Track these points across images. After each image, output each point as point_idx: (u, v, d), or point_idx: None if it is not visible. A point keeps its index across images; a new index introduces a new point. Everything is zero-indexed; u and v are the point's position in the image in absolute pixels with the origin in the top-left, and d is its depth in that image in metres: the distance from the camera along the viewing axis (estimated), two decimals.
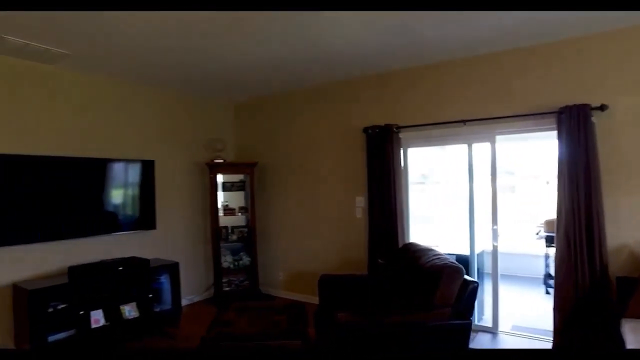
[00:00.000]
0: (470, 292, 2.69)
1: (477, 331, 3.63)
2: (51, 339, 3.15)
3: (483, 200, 3.71)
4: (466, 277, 2.77)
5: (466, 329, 2.57)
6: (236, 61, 3.59)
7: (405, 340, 2.50)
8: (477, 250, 3.86)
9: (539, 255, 5.13)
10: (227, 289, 4.69)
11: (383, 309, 2.95)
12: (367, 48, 3.36)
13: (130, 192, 4.07)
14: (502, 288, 3.70)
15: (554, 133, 3.16)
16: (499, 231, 3.61)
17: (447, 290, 2.66)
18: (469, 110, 3.59)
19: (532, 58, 3.34)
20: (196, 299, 4.73)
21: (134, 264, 3.73)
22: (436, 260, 2.90)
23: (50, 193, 3.46)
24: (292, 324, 2.92)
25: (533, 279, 5.29)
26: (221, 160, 4.77)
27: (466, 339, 2.60)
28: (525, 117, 3.33)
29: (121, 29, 2.82)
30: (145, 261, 3.81)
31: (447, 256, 3.04)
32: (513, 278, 5.36)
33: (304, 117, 4.68)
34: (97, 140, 3.86)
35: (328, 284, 3.42)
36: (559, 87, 3.22)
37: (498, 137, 3.54)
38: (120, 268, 3.59)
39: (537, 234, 5.45)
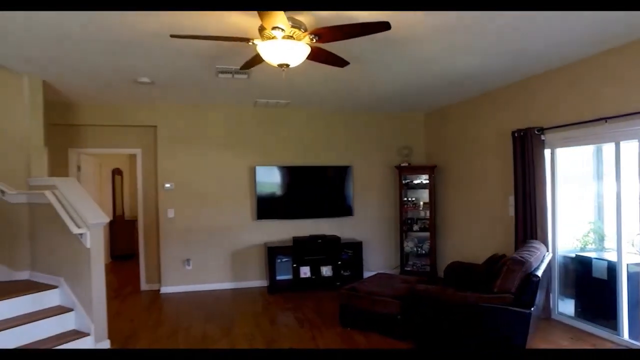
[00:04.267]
0: (530, 285, 2.91)
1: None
2: (278, 278, 5.24)
3: (630, 203, 3.36)
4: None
5: (521, 315, 2.85)
6: (435, 76, 4.17)
7: (464, 313, 3.05)
8: (623, 262, 3.44)
9: None
10: (408, 269, 5.76)
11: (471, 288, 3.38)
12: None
13: (335, 188, 5.78)
14: None
15: None
16: None
17: (506, 279, 2.98)
18: (613, 108, 3.36)
19: None
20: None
21: (330, 239, 5.41)
22: (516, 254, 3.18)
23: (288, 187, 5.60)
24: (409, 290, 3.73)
25: None
26: (407, 164, 5.87)
27: (523, 326, 2.87)
28: None
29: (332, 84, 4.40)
30: (338, 238, 5.43)
31: (541, 253, 3.21)
32: None
33: (472, 123, 5.19)
34: (314, 152, 5.78)
35: (452, 269, 4.03)
36: None
37: None
38: (320, 241, 5.35)
39: None
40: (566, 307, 4.05)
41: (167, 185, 5.27)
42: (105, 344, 3.43)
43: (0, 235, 3.73)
